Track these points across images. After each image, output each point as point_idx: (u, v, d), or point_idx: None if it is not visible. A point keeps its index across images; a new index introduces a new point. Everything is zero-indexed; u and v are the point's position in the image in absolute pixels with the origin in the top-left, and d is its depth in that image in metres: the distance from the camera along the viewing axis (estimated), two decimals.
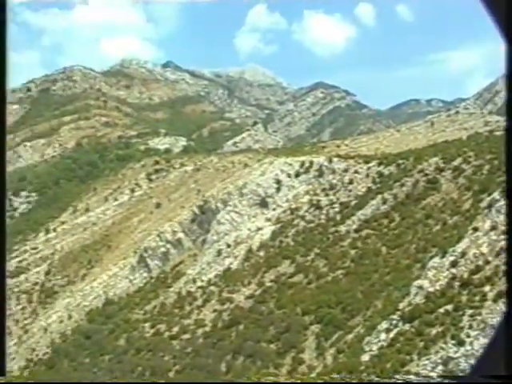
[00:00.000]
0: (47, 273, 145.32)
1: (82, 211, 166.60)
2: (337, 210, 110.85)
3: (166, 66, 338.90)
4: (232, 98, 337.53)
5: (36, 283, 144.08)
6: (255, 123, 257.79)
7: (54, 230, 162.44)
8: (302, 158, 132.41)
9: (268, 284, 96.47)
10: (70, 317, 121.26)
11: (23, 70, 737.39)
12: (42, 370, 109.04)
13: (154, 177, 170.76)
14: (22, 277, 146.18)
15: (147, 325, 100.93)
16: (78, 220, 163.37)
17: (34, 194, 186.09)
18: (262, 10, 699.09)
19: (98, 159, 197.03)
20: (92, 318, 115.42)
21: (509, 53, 10.05)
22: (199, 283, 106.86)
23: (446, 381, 47.85)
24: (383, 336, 65.77)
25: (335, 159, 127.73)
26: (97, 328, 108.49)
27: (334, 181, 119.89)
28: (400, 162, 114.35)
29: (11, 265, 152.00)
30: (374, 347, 65.31)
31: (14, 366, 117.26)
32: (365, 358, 64.45)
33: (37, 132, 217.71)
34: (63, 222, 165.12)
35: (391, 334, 65.04)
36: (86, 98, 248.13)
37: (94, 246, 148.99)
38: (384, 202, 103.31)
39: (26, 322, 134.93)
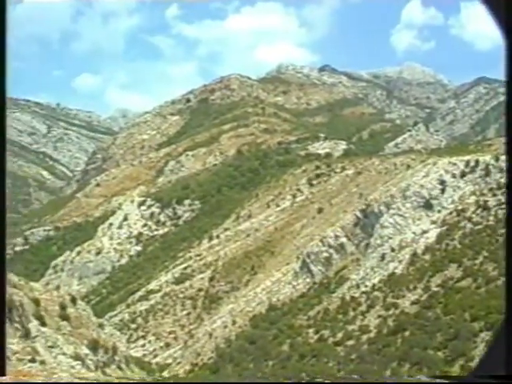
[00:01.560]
0: (211, 279, 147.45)
1: (245, 218, 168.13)
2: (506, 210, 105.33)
3: (322, 69, 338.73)
4: (391, 98, 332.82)
5: (201, 289, 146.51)
6: (416, 123, 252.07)
7: (218, 236, 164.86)
8: (467, 157, 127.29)
9: (434, 289, 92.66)
10: (234, 322, 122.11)
11: (182, 81, 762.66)
12: (207, 375, 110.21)
13: (315, 182, 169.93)
14: (187, 283, 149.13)
15: (311, 330, 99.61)
16: (241, 226, 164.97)
17: (197, 202, 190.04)
18: (416, 5, 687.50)
19: (258, 166, 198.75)
20: (256, 324, 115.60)
21: (509, 50, 10.43)
22: (363, 288, 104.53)
23: (446, 381, 44.98)
24: None
25: (502, 157, 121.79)
26: (260, 333, 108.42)
27: (502, 180, 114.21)
28: None
29: (176, 271, 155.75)
30: None
31: (179, 369, 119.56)
32: None
33: (198, 141, 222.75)
34: (226, 229, 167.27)
35: None
36: (245, 105, 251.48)
37: (256, 252, 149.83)
38: None
39: (191, 327, 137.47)
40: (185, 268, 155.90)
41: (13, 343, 73.91)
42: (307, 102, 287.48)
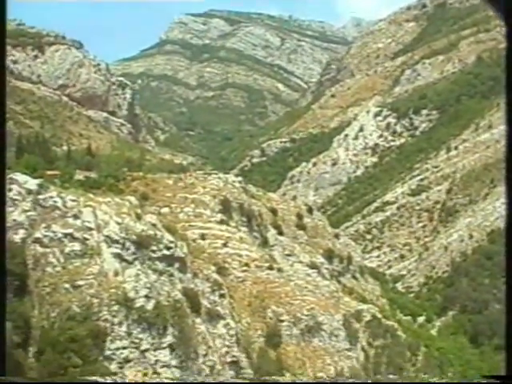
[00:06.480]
0: (448, 191, 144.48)
1: (485, 128, 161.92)
2: None
3: None
4: None
5: (437, 202, 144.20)
6: None
7: (456, 148, 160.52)
8: None
9: None
10: (470, 236, 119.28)
11: None
12: (441, 288, 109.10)
13: None
14: (423, 195, 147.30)
15: None
16: (481, 137, 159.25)
17: (434, 112, 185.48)
18: None
19: (500, 73, 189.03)
20: (493, 239, 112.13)
21: (510, 37, 10.44)
22: None
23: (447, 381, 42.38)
24: None
25: None
26: (498, 249, 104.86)
27: None
28: None
29: (413, 183, 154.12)
30: None
31: (413, 282, 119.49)
32: None
33: (435, 49, 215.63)
34: (465, 140, 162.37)
35: None
36: (486, 9, 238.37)
37: (497, 164, 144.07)
38: None
39: (426, 239, 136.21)
40: (421, 180, 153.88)
41: (251, 251, 77.29)
42: None
